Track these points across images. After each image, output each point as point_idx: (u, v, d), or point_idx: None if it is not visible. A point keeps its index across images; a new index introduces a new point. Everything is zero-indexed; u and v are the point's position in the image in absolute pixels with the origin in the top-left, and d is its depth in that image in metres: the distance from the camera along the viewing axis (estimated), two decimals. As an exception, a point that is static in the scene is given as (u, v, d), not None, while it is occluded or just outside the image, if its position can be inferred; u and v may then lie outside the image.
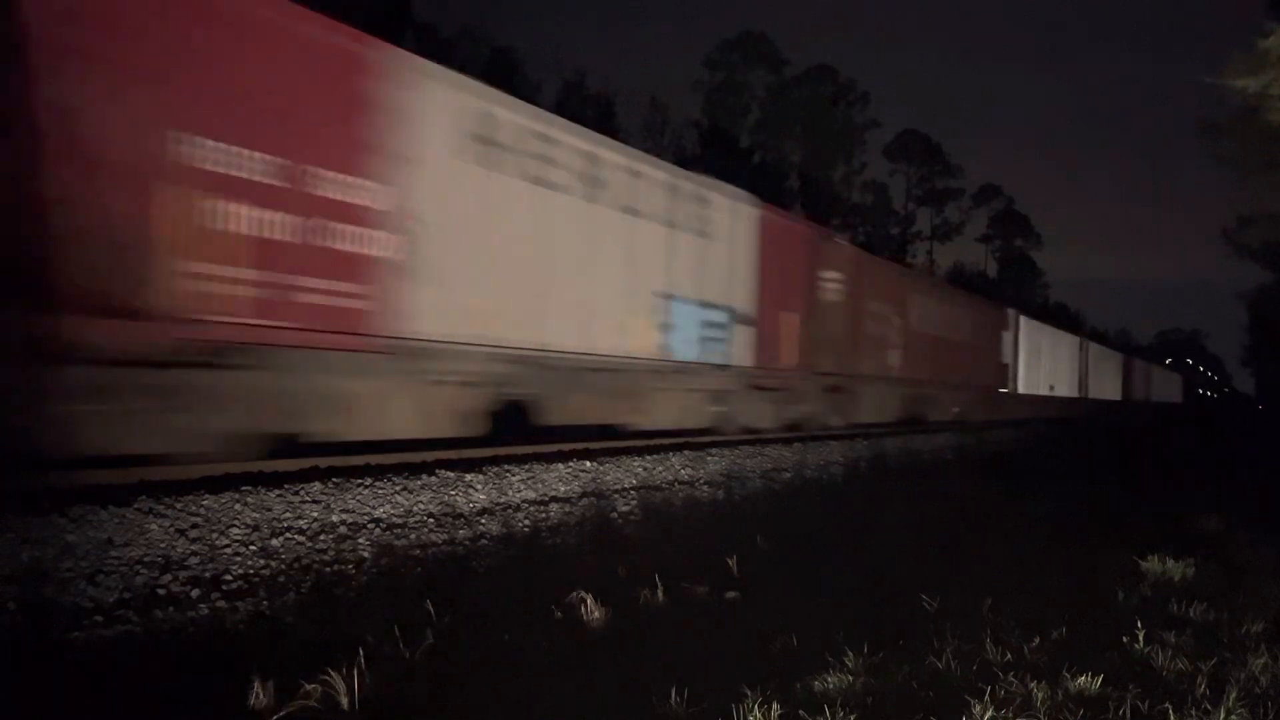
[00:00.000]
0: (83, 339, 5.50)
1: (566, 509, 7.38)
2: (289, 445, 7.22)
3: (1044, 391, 30.13)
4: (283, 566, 5.12)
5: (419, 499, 6.80)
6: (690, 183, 11.69)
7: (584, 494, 8.00)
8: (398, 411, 7.71)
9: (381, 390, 7.51)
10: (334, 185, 6.95)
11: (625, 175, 10.33)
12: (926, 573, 5.31)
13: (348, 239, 7.06)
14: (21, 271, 5.37)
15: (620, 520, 7.38)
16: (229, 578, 4.83)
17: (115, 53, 5.62)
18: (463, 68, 9.80)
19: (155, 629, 4.15)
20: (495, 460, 8.50)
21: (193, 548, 5.04)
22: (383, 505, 6.47)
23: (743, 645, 3.96)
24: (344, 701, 3.19)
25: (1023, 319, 27.50)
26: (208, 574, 4.81)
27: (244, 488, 6.10)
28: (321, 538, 5.66)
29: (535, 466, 8.39)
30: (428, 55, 8.35)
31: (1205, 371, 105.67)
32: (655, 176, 10.95)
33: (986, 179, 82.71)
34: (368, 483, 6.80)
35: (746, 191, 13.05)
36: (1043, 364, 29.82)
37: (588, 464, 9.00)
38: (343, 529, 5.88)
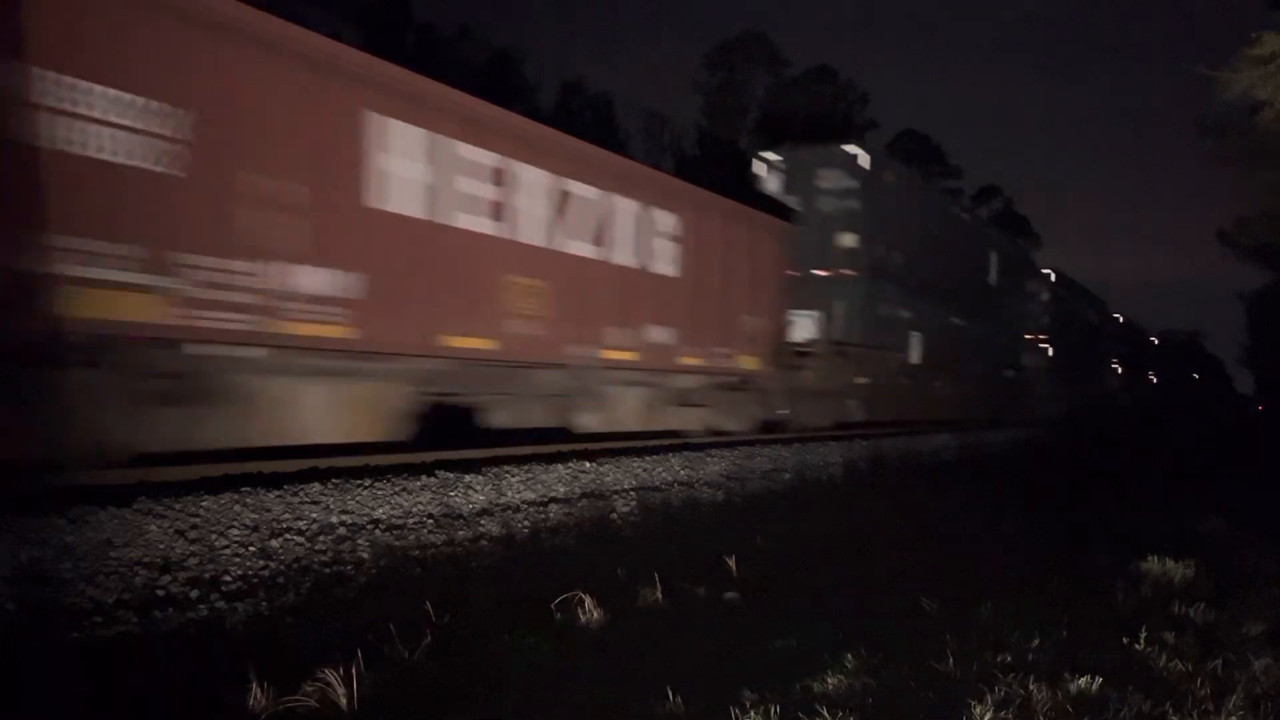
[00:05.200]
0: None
1: (566, 510, 7.38)
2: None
3: None
4: (282, 567, 5.11)
5: (418, 500, 6.80)
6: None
7: (583, 495, 7.99)
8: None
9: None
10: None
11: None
12: (926, 573, 5.30)
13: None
14: None
15: (620, 521, 7.37)
16: (228, 579, 4.83)
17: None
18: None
19: (154, 630, 4.14)
20: (494, 461, 8.50)
21: (192, 549, 5.04)
22: (382, 506, 6.47)
23: (742, 646, 3.96)
24: (343, 702, 3.19)
25: None
26: (207, 575, 4.81)
27: (243, 489, 6.10)
28: (321, 539, 5.65)
29: (534, 467, 8.39)
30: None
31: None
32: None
33: (986, 180, 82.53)
34: (367, 484, 6.79)
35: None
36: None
37: (587, 465, 9.00)
38: (342, 530, 5.87)
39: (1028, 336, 31.82)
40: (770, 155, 18.85)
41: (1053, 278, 34.52)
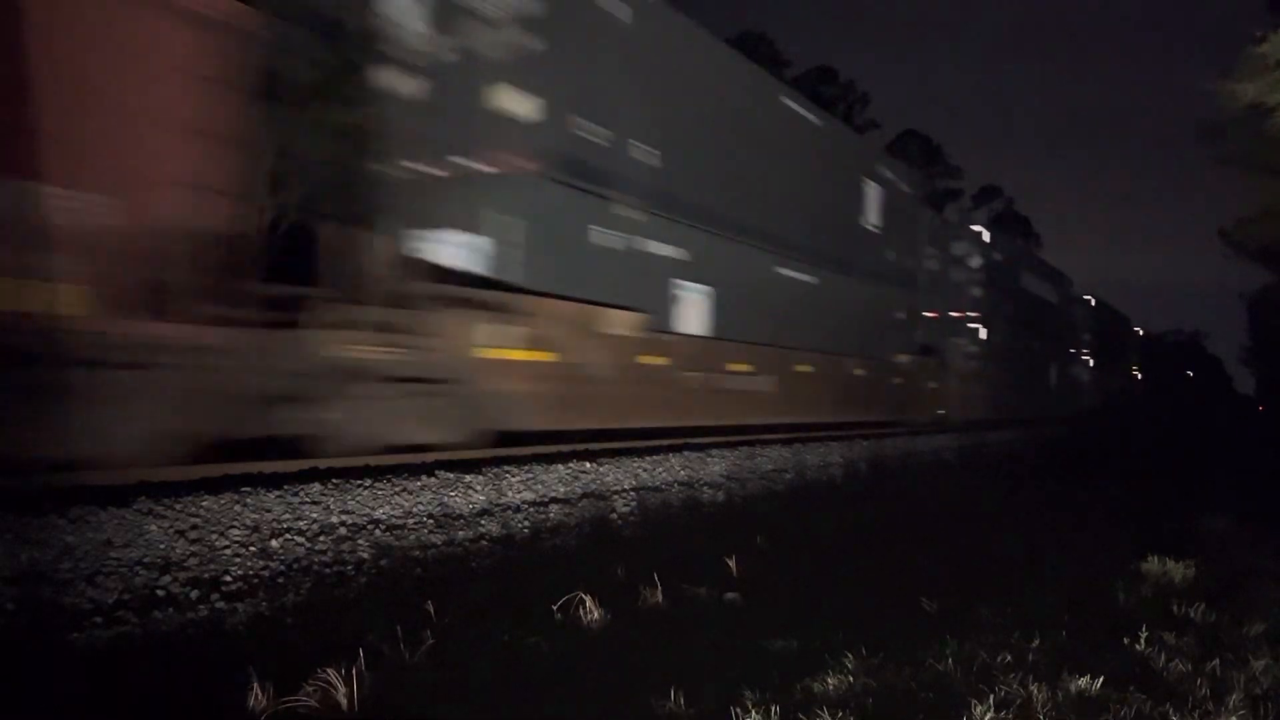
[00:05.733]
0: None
1: (566, 510, 7.37)
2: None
3: None
4: (282, 568, 5.11)
5: (419, 500, 6.80)
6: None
7: (584, 495, 7.99)
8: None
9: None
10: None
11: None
12: (925, 573, 5.30)
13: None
14: None
15: (620, 521, 7.37)
16: (228, 579, 4.83)
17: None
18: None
19: (154, 630, 4.14)
20: (495, 461, 8.49)
21: (192, 549, 5.04)
22: (382, 506, 6.47)
23: (742, 646, 3.96)
24: (343, 702, 3.19)
25: None
26: (207, 575, 4.81)
27: (243, 489, 6.09)
28: (321, 539, 5.65)
29: (535, 468, 8.38)
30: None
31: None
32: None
33: (987, 180, 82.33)
34: (367, 484, 6.79)
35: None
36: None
37: (587, 465, 9.00)
38: (342, 530, 5.87)
39: (954, 315, 23.90)
40: None
41: (985, 236, 27.05)
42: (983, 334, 25.49)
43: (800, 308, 15.48)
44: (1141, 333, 59.51)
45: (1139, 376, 56.39)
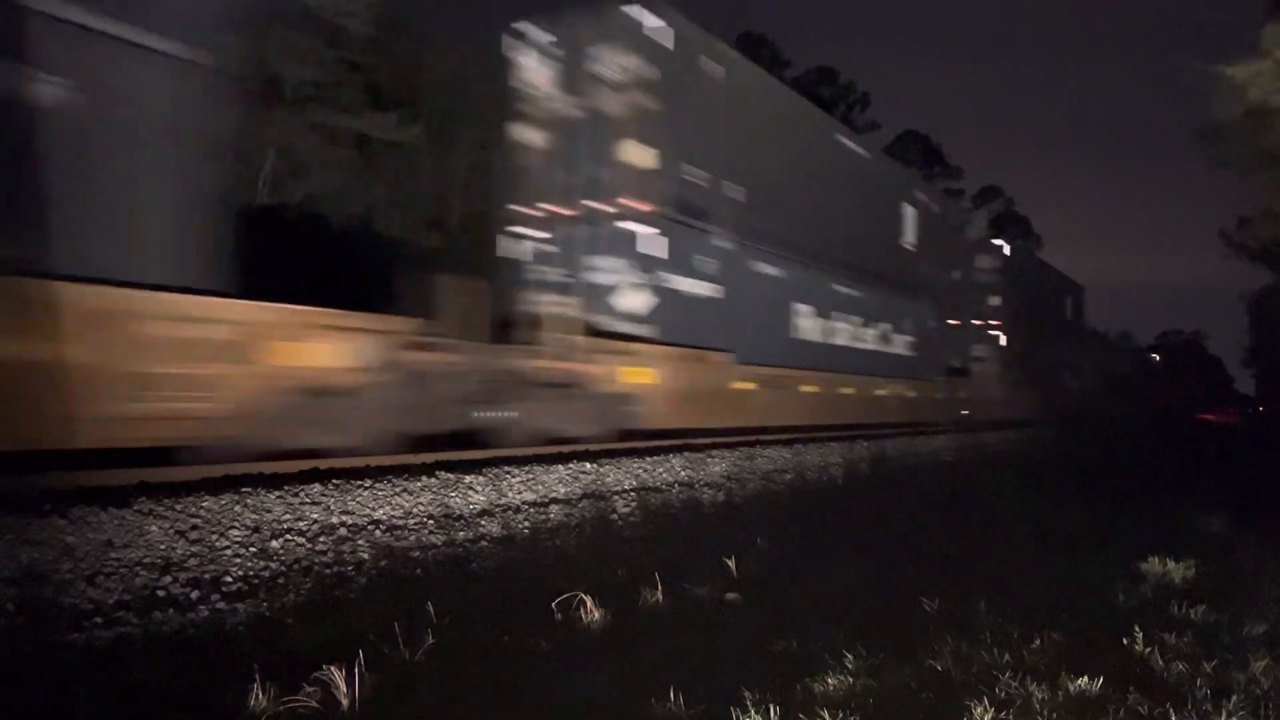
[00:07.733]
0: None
1: (566, 510, 7.38)
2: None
3: None
4: (283, 568, 5.11)
5: (419, 500, 6.80)
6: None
7: (584, 495, 7.99)
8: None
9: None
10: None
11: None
12: (926, 574, 5.30)
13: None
14: None
15: (620, 522, 7.37)
16: (229, 579, 4.83)
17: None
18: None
19: (155, 631, 4.15)
20: (494, 462, 8.50)
21: (192, 549, 5.04)
22: (383, 507, 6.47)
23: (742, 647, 3.96)
24: (344, 702, 3.19)
25: None
26: (207, 575, 4.81)
27: (244, 489, 6.10)
28: (321, 539, 5.66)
29: (535, 468, 8.39)
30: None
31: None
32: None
33: (987, 180, 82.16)
34: (367, 485, 6.79)
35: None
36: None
37: (588, 465, 9.00)
38: (343, 531, 5.87)
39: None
40: None
41: None
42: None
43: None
44: (1007, 250, 26.96)
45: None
